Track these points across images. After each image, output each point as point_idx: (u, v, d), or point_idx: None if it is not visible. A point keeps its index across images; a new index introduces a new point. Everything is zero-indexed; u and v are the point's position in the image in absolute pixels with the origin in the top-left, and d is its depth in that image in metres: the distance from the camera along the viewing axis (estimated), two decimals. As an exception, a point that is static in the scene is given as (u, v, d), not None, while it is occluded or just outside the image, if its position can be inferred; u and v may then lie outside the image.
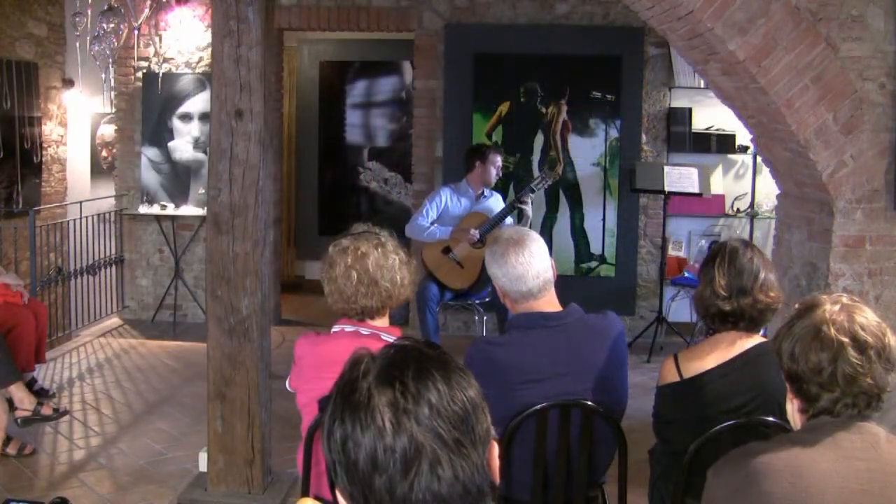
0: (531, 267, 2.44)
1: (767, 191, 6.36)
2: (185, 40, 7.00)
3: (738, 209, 6.79)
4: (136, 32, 6.13)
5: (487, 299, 5.66)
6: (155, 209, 6.97)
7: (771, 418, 2.32)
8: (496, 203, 5.71)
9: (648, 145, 6.70)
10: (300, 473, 2.53)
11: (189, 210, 6.97)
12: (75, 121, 7.13)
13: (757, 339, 2.49)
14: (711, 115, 6.57)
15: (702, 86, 6.38)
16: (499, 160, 5.70)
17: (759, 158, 6.27)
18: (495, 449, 1.12)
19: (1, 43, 6.13)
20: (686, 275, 6.42)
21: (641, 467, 2.86)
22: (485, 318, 6.00)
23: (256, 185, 3.59)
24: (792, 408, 1.83)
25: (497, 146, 6.41)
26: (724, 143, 6.67)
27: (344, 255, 2.46)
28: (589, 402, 2.38)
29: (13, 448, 4.28)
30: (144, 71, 7.03)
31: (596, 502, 2.61)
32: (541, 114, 6.66)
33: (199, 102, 6.93)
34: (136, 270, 7.23)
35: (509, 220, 5.52)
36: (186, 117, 6.98)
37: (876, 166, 3.47)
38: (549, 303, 2.49)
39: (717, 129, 6.67)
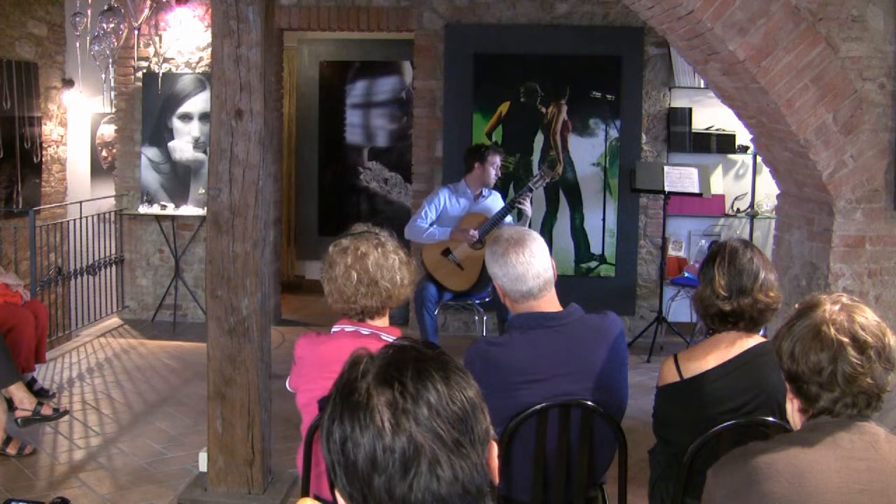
0: (531, 267, 2.44)
1: (767, 191, 6.36)
2: (185, 40, 7.00)
3: (738, 209, 6.78)
4: (136, 32, 6.14)
5: (487, 299, 5.65)
6: (155, 209, 6.97)
7: (771, 418, 2.32)
8: (495, 203, 5.70)
9: (648, 145, 6.70)
10: (300, 473, 2.53)
11: (189, 210, 6.97)
12: (75, 121, 7.12)
13: (757, 339, 2.48)
14: (711, 115, 6.57)
15: (702, 86, 6.38)
16: (498, 161, 5.67)
17: (759, 158, 6.27)
18: (494, 449, 1.12)
19: (1, 43, 6.12)
20: (686, 275, 6.41)
21: (641, 467, 2.87)
22: (485, 318, 6.00)
23: (256, 185, 3.59)
24: (792, 408, 1.83)
25: (497, 146, 6.40)
26: (724, 143, 6.67)
27: (344, 255, 2.46)
28: (589, 402, 2.38)
29: (13, 448, 4.28)
30: (144, 71, 7.03)
31: (596, 502, 2.61)
32: (541, 114, 6.66)
33: (199, 102, 6.93)
34: (136, 270, 7.23)
35: (509, 219, 5.51)
36: (186, 117, 6.98)
37: (876, 166, 3.47)
38: (550, 303, 2.48)
39: (717, 129, 6.67)
